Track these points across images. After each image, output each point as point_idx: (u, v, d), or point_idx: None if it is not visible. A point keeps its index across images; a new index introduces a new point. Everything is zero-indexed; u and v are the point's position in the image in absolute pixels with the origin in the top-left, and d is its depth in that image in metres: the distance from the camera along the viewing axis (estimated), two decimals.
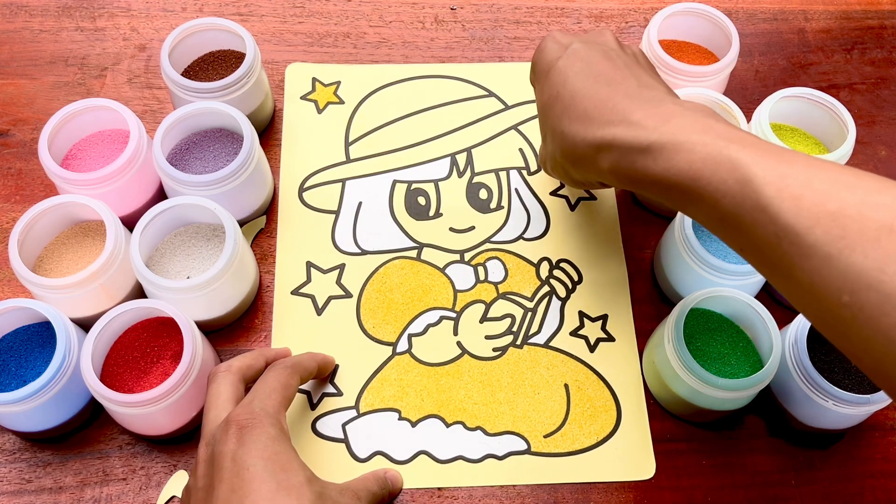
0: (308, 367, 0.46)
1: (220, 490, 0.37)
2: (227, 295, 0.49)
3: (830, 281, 0.30)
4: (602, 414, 0.50)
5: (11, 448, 0.48)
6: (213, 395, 0.42)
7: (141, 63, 0.61)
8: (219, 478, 0.37)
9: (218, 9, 0.65)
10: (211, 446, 0.39)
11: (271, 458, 0.38)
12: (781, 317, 0.49)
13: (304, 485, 0.38)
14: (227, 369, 0.43)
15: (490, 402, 0.50)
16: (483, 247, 0.55)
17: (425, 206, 0.56)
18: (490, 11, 0.66)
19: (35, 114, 0.59)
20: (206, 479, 0.38)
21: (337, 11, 0.65)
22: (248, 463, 0.37)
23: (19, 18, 0.63)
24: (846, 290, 0.30)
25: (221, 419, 0.40)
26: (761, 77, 0.64)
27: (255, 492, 0.36)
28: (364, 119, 0.60)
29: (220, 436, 0.39)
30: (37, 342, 0.47)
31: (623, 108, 0.39)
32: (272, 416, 0.40)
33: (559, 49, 0.45)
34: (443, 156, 0.58)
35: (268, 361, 0.46)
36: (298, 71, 0.62)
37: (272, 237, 0.55)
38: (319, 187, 0.57)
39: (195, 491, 0.39)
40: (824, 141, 0.55)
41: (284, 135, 0.59)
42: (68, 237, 0.50)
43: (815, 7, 0.68)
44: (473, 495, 0.47)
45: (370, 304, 0.53)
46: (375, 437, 0.49)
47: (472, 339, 0.52)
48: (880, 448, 0.50)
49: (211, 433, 0.40)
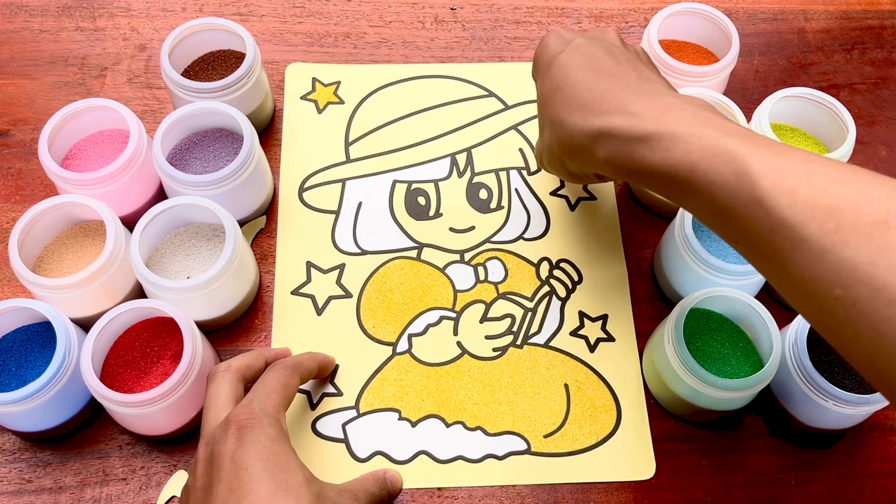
0: (308, 367, 0.46)
1: (218, 490, 0.37)
2: (227, 295, 0.49)
3: (823, 275, 0.31)
4: (602, 414, 0.50)
5: (11, 448, 0.48)
6: (212, 395, 0.42)
7: (141, 63, 0.61)
8: (217, 477, 0.37)
9: (218, 9, 0.65)
10: (210, 446, 0.39)
11: (270, 459, 0.38)
12: (781, 317, 0.49)
13: (303, 485, 0.38)
14: (227, 369, 0.43)
15: (490, 402, 0.50)
16: (483, 247, 0.55)
17: (425, 206, 0.56)
18: (490, 11, 0.66)
19: (35, 114, 0.59)
20: (204, 478, 0.38)
21: (337, 11, 0.65)
22: (246, 463, 0.37)
23: (19, 18, 0.63)
24: (838, 284, 0.30)
25: (221, 419, 0.40)
26: (761, 77, 0.64)
27: (254, 492, 0.36)
28: (364, 119, 0.60)
29: (220, 435, 0.39)
30: (37, 342, 0.47)
31: (622, 98, 0.39)
32: (272, 417, 0.40)
33: (561, 43, 0.45)
34: (443, 156, 0.58)
35: (268, 361, 0.46)
36: (298, 71, 0.62)
37: (272, 237, 0.55)
38: (319, 187, 0.57)
39: (194, 490, 0.39)
40: (824, 141, 0.55)
41: (284, 135, 0.59)
42: (68, 237, 0.50)
43: (815, 7, 0.68)
44: (473, 495, 0.47)
45: (370, 304, 0.53)
46: (375, 437, 0.49)
47: (472, 339, 0.52)
48: (880, 448, 0.50)
49: (210, 433, 0.40)
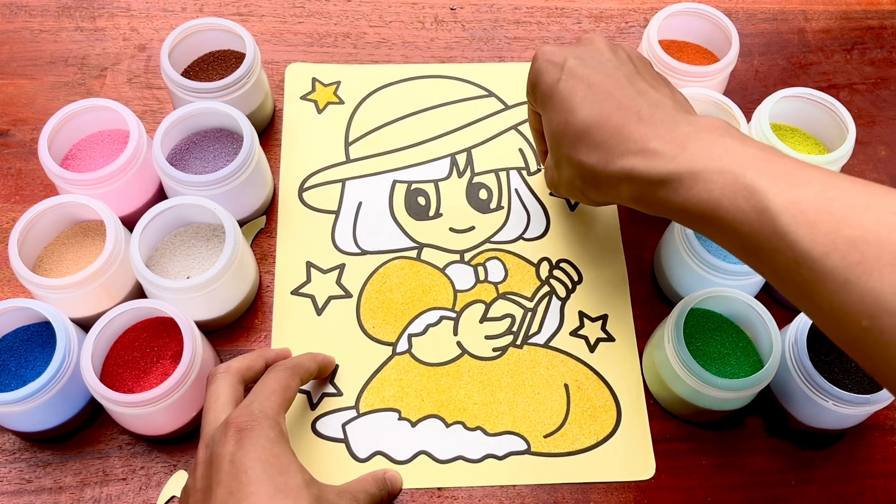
0: (308, 369, 0.46)
1: (217, 492, 0.37)
2: (227, 295, 0.49)
3: (850, 306, 0.31)
4: (602, 414, 0.50)
5: (11, 448, 0.48)
6: (212, 397, 0.42)
7: (141, 63, 0.61)
8: (217, 480, 0.37)
9: (218, 9, 0.65)
10: (210, 448, 0.39)
11: (269, 461, 0.38)
12: (781, 317, 0.49)
13: (302, 488, 0.38)
14: (227, 370, 0.43)
15: (490, 402, 0.50)
16: (483, 247, 0.55)
17: (425, 207, 0.56)
18: (490, 11, 0.66)
19: (35, 114, 0.59)
20: (204, 480, 0.38)
21: (337, 11, 0.65)
22: (246, 465, 0.37)
23: (19, 18, 0.63)
24: (865, 314, 0.30)
25: (220, 421, 0.40)
26: (761, 77, 0.64)
27: (253, 494, 0.36)
28: (364, 119, 0.60)
29: (219, 437, 0.39)
30: (37, 342, 0.47)
31: (639, 136, 0.39)
32: (271, 419, 0.40)
33: (555, 70, 0.44)
34: (443, 156, 0.58)
35: (267, 363, 0.46)
36: (298, 71, 0.62)
37: (272, 237, 0.55)
38: (319, 187, 0.57)
39: (194, 492, 0.39)
40: (824, 141, 0.55)
41: (284, 135, 0.59)
42: (68, 237, 0.50)
43: (815, 7, 0.68)
44: (473, 495, 0.47)
45: (370, 304, 0.53)
46: (375, 438, 0.49)
47: (472, 339, 0.52)
48: (880, 448, 0.50)
49: (210, 434, 0.40)
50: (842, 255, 0.31)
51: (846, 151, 0.52)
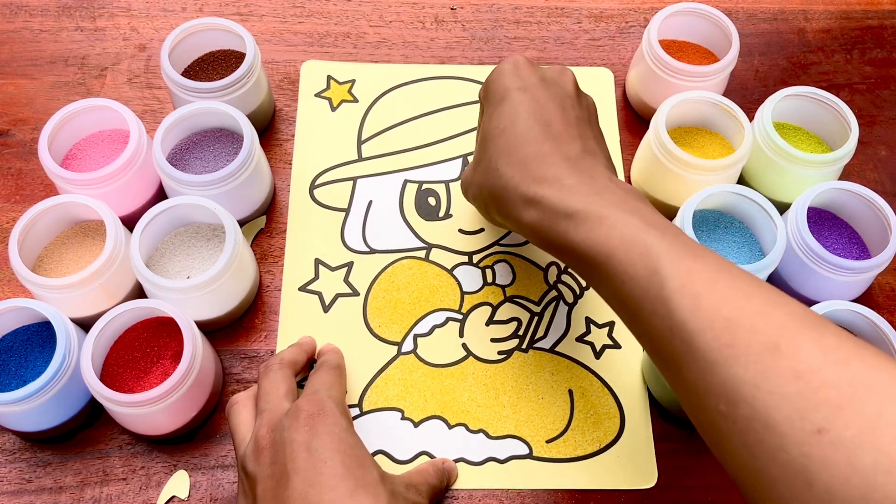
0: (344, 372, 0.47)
1: (295, 481, 0.36)
2: (227, 295, 0.49)
3: (712, 387, 0.31)
4: (605, 421, 0.50)
5: (11, 448, 0.47)
6: (271, 386, 0.42)
7: (141, 63, 0.61)
8: (293, 468, 0.37)
9: (218, 9, 0.64)
10: (277, 432, 0.39)
11: (347, 453, 0.38)
12: None
13: (379, 483, 0.38)
14: (282, 363, 0.44)
15: (493, 405, 0.50)
16: (491, 249, 0.55)
17: (435, 207, 0.56)
18: (490, 11, 0.66)
19: (35, 114, 0.59)
20: (274, 466, 0.38)
21: (337, 11, 0.65)
22: (325, 456, 0.37)
23: (19, 18, 0.63)
24: (724, 399, 0.31)
25: (281, 409, 0.40)
26: (761, 77, 0.64)
27: (335, 489, 0.36)
28: (377, 118, 0.60)
29: (290, 423, 0.38)
30: (37, 342, 0.47)
31: (560, 169, 0.40)
32: (341, 406, 0.40)
33: (517, 79, 0.44)
34: (454, 157, 0.58)
35: (308, 357, 0.47)
36: (314, 68, 0.62)
37: (272, 237, 0.55)
38: (330, 185, 0.57)
39: (262, 479, 0.38)
40: (827, 140, 0.55)
41: (297, 131, 0.59)
42: (68, 237, 0.50)
43: (815, 7, 0.68)
44: (473, 496, 0.47)
45: (377, 303, 0.53)
46: (377, 437, 0.48)
47: (478, 342, 0.52)
48: None
49: (275, 419, 0.40)
50: (716, 334, 0.31)
51: (849, 150, 0.52)
